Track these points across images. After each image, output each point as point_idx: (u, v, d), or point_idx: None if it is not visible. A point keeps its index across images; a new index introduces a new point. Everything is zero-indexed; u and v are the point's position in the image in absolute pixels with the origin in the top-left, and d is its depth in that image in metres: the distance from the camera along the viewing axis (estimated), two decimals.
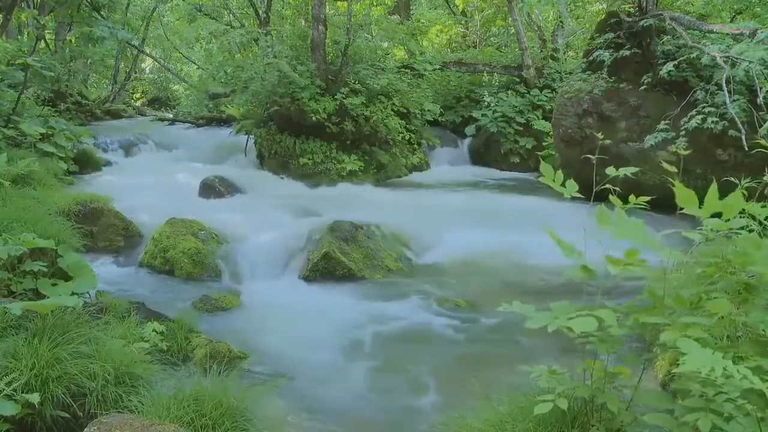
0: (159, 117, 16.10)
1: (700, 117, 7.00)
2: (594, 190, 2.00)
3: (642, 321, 1.81)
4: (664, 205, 2.00)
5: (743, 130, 6.51)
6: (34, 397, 2.42)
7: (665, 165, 1.94)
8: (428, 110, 11.94)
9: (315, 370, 3.79)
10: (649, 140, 7.36)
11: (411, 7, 17.04)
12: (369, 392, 3.58)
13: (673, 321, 1.77)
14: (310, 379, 3.68)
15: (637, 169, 2.10)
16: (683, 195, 1.73)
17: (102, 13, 11.15)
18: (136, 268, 5.65)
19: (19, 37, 12.50)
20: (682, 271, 2.16)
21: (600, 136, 2.40)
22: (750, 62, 6.35)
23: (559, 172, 2.13)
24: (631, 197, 2.00)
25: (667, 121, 7.29)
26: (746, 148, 6.50)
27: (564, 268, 2.02)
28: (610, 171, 2.15)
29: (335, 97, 10.08)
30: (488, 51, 15.29)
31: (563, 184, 2.13)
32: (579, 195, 2.09)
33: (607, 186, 2.01)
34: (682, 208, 1.79)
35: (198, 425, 2.46)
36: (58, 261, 3.85)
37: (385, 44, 13.09)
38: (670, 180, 1.89)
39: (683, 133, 7.06)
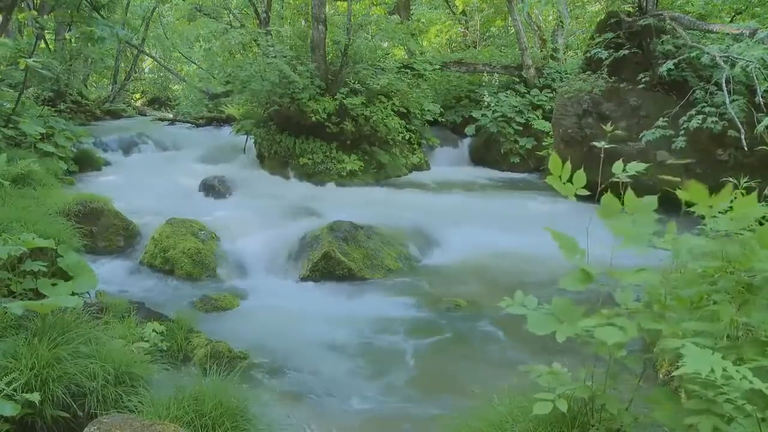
0: (159, 117, 16.09)
1: (700, 117, 7.00)
2: (598, 190, 1.96)
3: (646, 328, 1.80)
4: (663, 204, 1.99)
5: (742, 130, 6.51)
6: (34, 397, 2.42)
7: (667, 177, 1.92)
8: (428, 110, 11.94)
9: (315, 370, 3.79)
10: (646, 136, 7.34)
11: (411, 7, 17.04)
12: (369, 392, 3.58)
13: (674, 327, 1.76)
14: (310, 379, 3.68)
15: (645, 165, 1.98)
16: (695, 191, 1.73)
17: (102, 13, 11.13)
18: (136, 268, 5.65)
19: (19, 36, 12.49)
20: (681, 271, 2.15)
21: (609, 128, 2.31)
22: (749, 62, 6.35)
23: (567, 166, 2.03)
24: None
25: (665, 119, 7.28)
26: (746, 148, 6.51)
27: (565, 270, 2.01)
28: (617, 169, 2.02)
29: (335, 97, 10.08)
30: (488, 51, 15.29)
31: (570, 180, 2.03)
32: (583, 192, 2.04)
33: (610, 185, 1.98)
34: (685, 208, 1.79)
35: (198, 425, 2.46)
36: (58, 261, 3.84)
37: (385, 44, 13.09)
38: (669, 180, 1.89)
39: (682, 132, 7.06)
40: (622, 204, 1.89)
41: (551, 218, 7.25)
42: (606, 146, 2.21)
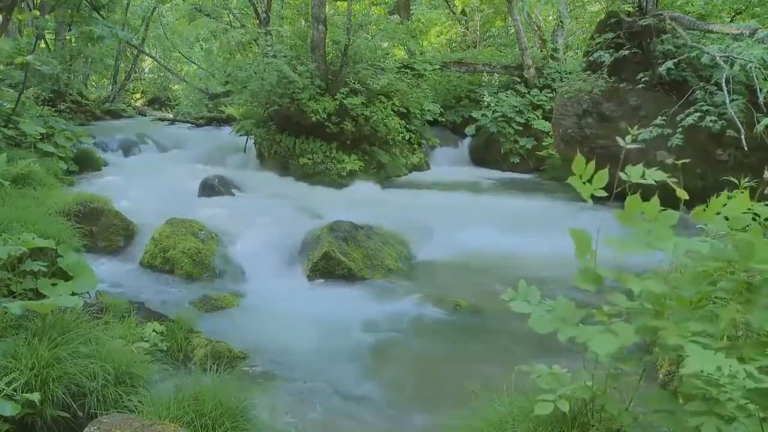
0: (159, 117, 16.13)
1: (697, 114, 6.99)
2: (614, 192, 1.93)
3: (648, 325, 1.79)
4: (662, 204, 1.98)
5: (742, 130, 6.51)
6: (34, 396, 2.42)
7: (671, 182, 1.87)
8: (428, 110, 11.95)
9: (315, 370, 3.79)
10: (643, 135, 7.33)
11: (411, 7, 17.04)
12: (369, 392, 3.58)
13: (675, 326, 1.76)
14: (310, 379, 3.68)
15: (666, 175, 1.86)
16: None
17: (102, 13, 11.15)
18: (136, 268, 5.64)
19: (19, 36, 12.49)
20: (681, 271, 2.15)
21: (635, 130, 2.23)
22: (749, 61, 6.35)
23: (591, 165, 1.93)
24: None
25: (663, 117, 7.27)
26: (745, 148, 6.51)
27: (566, 269, 2.01)
28: (635, 173, 1.90)
29: (335, 97, 10.08)
30: (488, 51, 15.31)
31: (590, 181, 1.92)
32: (601, 192, 1.98)
33: (623, 187, 1.94)
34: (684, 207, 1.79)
35: (198, 425, 2.46)
36: (58, 261, 3.84)
37: (385, 44, 13.09)
38: (671, 180, 1.88)
39: (680, 129, 7.05)
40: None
41: (551, 219, 7.25)
42: (601, 152, 2.20)
